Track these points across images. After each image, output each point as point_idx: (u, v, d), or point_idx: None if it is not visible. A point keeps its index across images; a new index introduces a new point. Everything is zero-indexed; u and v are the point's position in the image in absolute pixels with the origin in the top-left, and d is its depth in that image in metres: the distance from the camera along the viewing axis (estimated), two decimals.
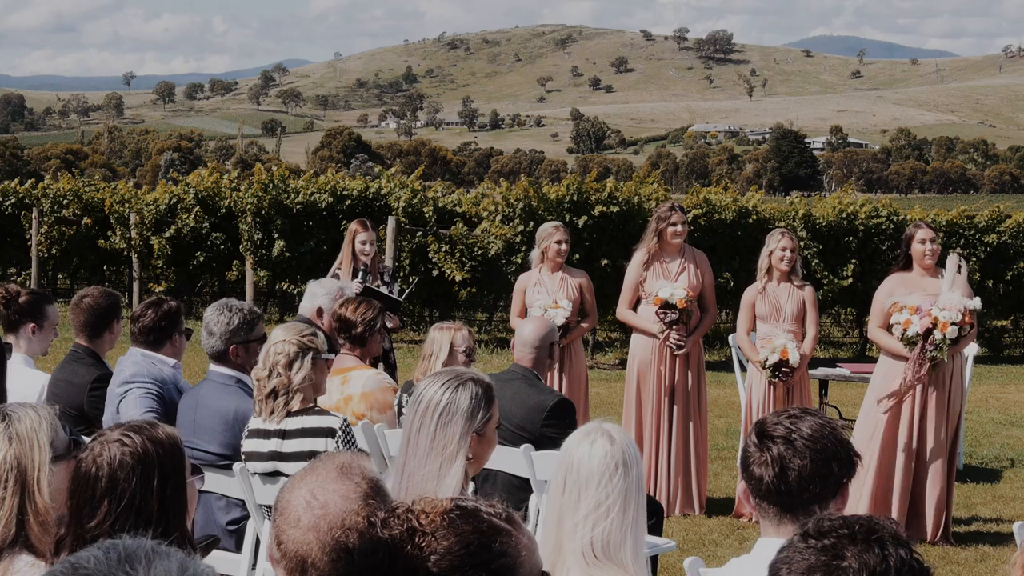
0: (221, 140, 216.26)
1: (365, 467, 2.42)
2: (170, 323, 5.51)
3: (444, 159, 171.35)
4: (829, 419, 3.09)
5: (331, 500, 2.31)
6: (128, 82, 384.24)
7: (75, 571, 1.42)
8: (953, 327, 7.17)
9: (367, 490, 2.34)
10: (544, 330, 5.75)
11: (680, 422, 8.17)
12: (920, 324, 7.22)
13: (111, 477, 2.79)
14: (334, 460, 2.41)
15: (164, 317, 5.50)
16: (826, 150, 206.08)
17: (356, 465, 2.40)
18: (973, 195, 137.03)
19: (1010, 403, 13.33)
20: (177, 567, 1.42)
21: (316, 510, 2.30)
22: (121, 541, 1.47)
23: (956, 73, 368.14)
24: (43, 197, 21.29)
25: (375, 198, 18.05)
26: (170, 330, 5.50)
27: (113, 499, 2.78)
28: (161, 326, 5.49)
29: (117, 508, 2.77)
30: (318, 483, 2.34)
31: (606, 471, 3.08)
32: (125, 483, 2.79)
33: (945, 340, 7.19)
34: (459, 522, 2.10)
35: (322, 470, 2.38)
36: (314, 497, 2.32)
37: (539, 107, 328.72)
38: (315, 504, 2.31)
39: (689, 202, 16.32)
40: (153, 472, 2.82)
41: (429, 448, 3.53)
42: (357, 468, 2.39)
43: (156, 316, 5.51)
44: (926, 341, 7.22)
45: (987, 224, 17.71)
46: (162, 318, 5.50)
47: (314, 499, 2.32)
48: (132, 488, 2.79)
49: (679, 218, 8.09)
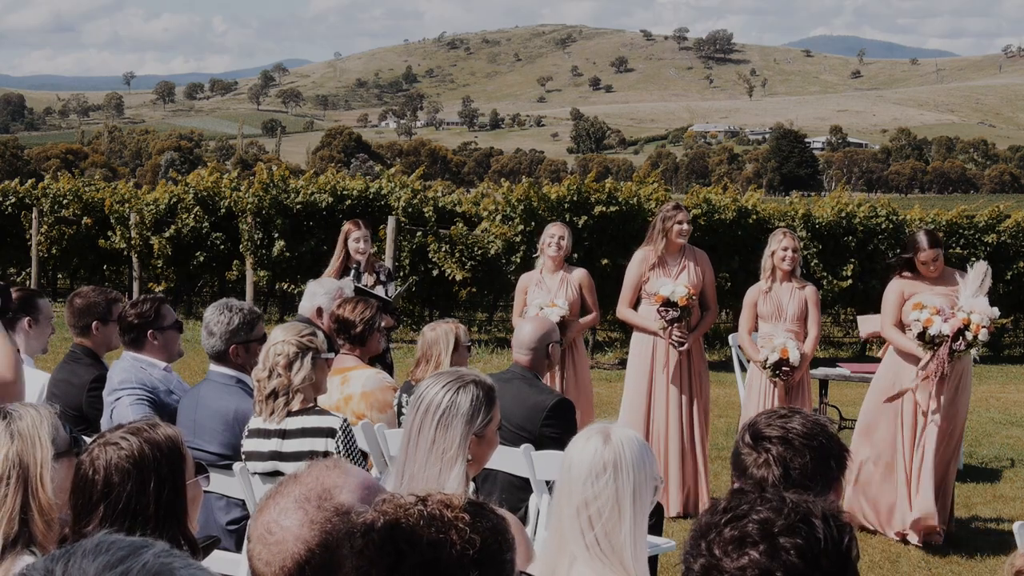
0: (221, 140, 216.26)
1: (330, 492, 2.32)
2: (143, 321, 5.40)
3: (444, 159, 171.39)
4: (816, 416, 3.11)
5: (285, 538, 2.25)
6: (128, 82, 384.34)
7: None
8: (984, 330, 7.21)
9: (325, 520, 2.27)
10: (542, 330, 5.75)
11: (681, 421, 8.17)
12: (949, 325, 7.22)
13: (107, 481, 2.79)
14: (296, 488, 2.32)
15: (138, 315, 5.40)
16: (826, 150, 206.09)
17: (317, 493, 2.31)
18: (973, 195, 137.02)
19: (1010, 403, 13.33)
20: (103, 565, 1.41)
21: (272, 547, 2.26)
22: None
23: (956, 73, 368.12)
24: (43, 197, 21.29)
25: (375, 198, 18.05)
26: (144, 327, 5.38)
27: (108, 503, 2.78)
28: (134, 324, 5.41)
29: (113, 512, 2.78)
30: (274, 516, 2.29)
31: (592, 471, 3.09)
32: (120, 487, 2.79)
33: (977, 341, 7.22)
34: (479, 518, 2.09)
35: (282, 500, 2.31)
36: (269, 532, 2.28)
37: (539, 107, 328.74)
38: (270, 540, 2.27)
39: (689, 202, 16.33)
40: (150, 475, 2.82)
41: (429, 451, 3.53)
42: (316, 497, 2.30)
43: (132, 314, 5.42)
44: (955, 341, 7.23)
45: (987, 224, 17.72)
46: (137, 315, 5.40)
47: (269, 534, 2.27)
48: (128, 491, 2.79)
49: (684, 216, 8.12)
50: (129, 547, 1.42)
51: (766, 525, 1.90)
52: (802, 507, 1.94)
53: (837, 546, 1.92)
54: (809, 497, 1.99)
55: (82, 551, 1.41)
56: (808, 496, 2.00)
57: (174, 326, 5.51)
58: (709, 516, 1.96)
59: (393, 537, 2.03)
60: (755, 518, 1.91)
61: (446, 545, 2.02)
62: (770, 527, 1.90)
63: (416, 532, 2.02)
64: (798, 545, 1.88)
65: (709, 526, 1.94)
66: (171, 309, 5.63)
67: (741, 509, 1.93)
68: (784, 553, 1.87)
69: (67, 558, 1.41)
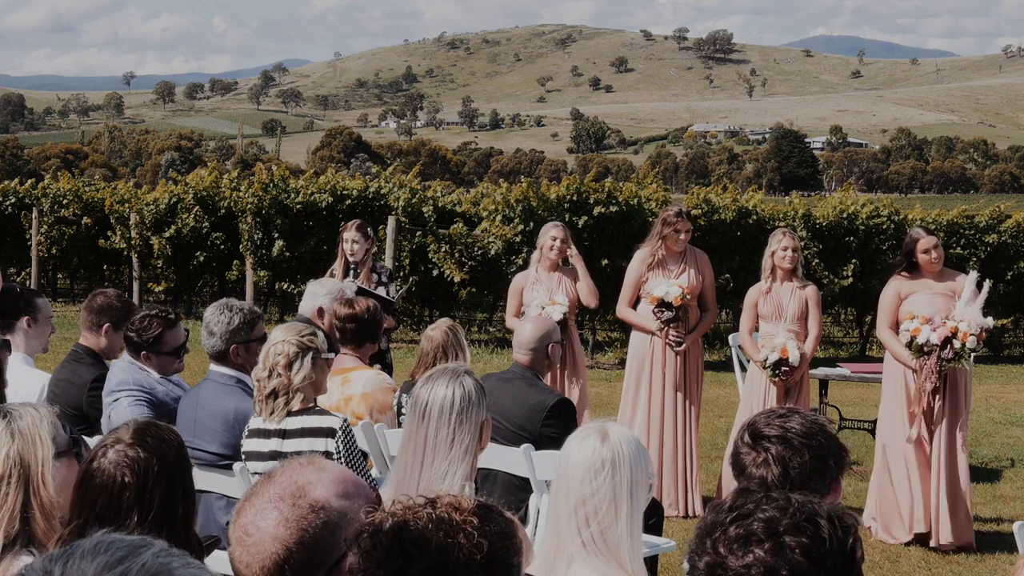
0: (221, 140, 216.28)
1: (304, 489, 2.29)
2: (142, 341, 5.30)
3: (444, 159, 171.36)
4: (815, 416, 3.12)
5: (262, 539, 2.23)
6: (128, 82, 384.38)
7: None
8: (972, 338, 7.20)
9: (300, 518, 2.24)
10: (542, 330, 5.75)
11: (675, 421, 8.17)
12: (937, 335, 7.22)
13: (140, 485, 2.79)
14: (270, 488, 2.30)
15: (138, 333, 5.30)
16: (826, 150, 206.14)
17: (291, 491, 2.28)
18: (973, 195, 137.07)
19: (1010, 403, 13.33)
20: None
21: (249, 548, 2.24)
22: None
23: (956, 73, 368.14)
24: (43, 197, 21.29)
25: (375, 198, 18.05)
26: (141, 347, 5.30)
27: (143, 508, 2.78)
28: (133, 340, 5.33)
29: (147, 516, 2.78)
30: (251, 518, 2.27)
31: (591, 468, 3.10)
32: (152, 491, 2.80)
33: (965, 350, 7.22)
34: (487, 521, 2.09)
35: (257, 502, 2.28)
36: (246, 534, 2.26)
37: (539, 107, 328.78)
38: (248, 541, 2.25)
39: (689, 202, 16.34)
40: (176, 477, 2.84)
41: (448, 449, 3.59)
42: (291, 496, 2.27)
43: (135, 331, 5.32)
44: (942, 350, 7.23)
45: (987, 224, 17.72)
46: (137, 334, 5.30)
47: (246, 536, 2.26)
48: (160, 496, 2.80)
49: (684, 226, 8.11)
50: (128, 547, 1.42)
51: (771, 524, 1.90)
52: (807, 507, 1.94)
53: (842, 546, 1.92)
54: (815, 498, 2.00)
55: (80, 551, 1.41)
56: (813, 497, 2.00)
57: (173, 352, 5.38)
58: (714, 515, 1.96)
59: (401, 540, 2.02)
60: (760, 517, 1.91)
61: (454, 549, 2.00)
62: (775, 526, 1.90)
63: (424, 535, 2.01)
64: (803, 544, 1.88)
65: (714, 524, 1.94)
66: (179, 332, 5.42)
67: (746, 508, 1.93)
68: (789, 552, 1.87)
69: (65, 559, 1.40)
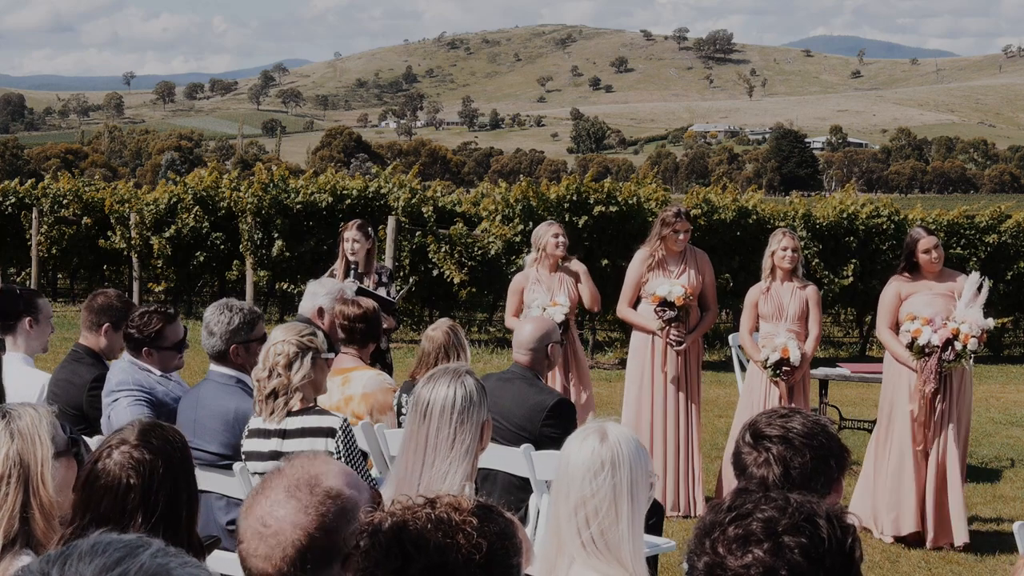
0: (221, 140, 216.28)
1: (317, 478, 2.30)
2: (143, 337, 5.31)
3: (444, 159, 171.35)
4: (817, 416, 3.11)
5: (282, 528, 2.23)
6: (128, 82, 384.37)
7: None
8: (974, 340, 7.20)
9: (319, 504, 2.25)
10: (542, 331, 5.75)
11: (677, 420, 8.17)
12: (938, 336, 7.22)
13: (145, 487, 2.79)
14: (283, 480, 2.30)
15: (139, 329, 5.31)
16: (826, 150, 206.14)
17: (305, 480, 2.29)
18: (973, 195, 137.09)
19: (1010, 403, 13.33)
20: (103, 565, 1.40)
21: (269, 539, 2.23)
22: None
23: (956, 73, 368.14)
24: (43, 197, 21.29)
25: (375, 198, 18.05)
26: (142, 343, 5.31)
27: (147, 509, 2.78)
28: (133, 337, 5.33)
29: (152, 517, 2.77)
30: (267, 509, 2.26)
31: (591, 468, 3.10)
32: (157, 492, 2.80)
33: (966, 351, 7.22)
34: (486, 521, 2.08)
35: (271, 494, 2.28)
36: (264, 525, 2.25)
37: (539, 107, 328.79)
38: (266, 532, 2.24)
39: (689, 202, 16.33)
40: (180, 477, 2.84)
41: (449, 449, 3.58)
42: (306, 484, 2.28)
43: (135, 327, 5.33)
44: (944, 352, 7.23)
45: (988, 224, 17.71)
46: (138, 330, 5.32)
47: (264, 527, 2.24)
48: (164, 497, 2.80)
49: (683, 226, 8.11)
50: (125, 547, 1.41)
51: (770, 524, 1.90)
52: (806, 507, 1.94)
53: (841, 546, 1.92)
54: (813, 498, 1.99)
55: (78, 553, 1.40)
56: (812, 496, 2.00)
57: (174, 347, 5.40)
58: (713, 515, 1.96)
59: (400, 540, 2.02)
60: (759, 517, 1.91)
61: (453, 549, 2.00)
62: (774, 526, 1.89)
63: (423, 535, 2.01)
64: (802, 544, 1.88)
65: (713, 524, 1.94)
66: (178, 327, 5.44)
67: (745, 508, 1.93)
68: (788, 552, 1.87)
69: (63, 560, 1.40)
